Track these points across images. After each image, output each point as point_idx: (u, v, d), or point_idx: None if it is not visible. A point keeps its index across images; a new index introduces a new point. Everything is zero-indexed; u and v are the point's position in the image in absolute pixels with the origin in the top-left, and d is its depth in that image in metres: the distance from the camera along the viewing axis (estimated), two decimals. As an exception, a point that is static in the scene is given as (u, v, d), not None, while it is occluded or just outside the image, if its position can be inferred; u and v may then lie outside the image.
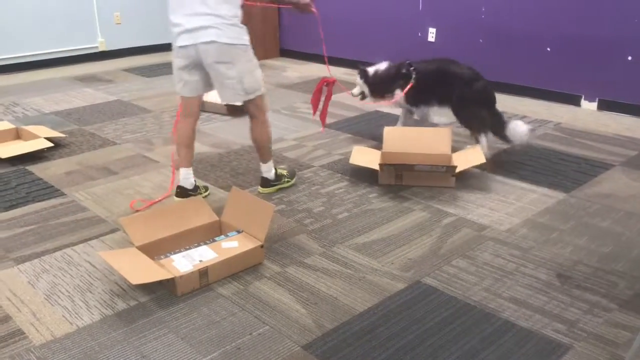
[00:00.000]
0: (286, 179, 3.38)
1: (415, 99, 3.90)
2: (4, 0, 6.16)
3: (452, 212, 3.06)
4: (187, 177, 3.17)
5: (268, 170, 3.30)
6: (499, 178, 3.49)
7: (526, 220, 2.98)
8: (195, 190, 3.19)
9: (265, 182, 3.32)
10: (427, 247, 2.73)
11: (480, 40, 5.37)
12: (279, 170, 3.38)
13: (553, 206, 3.14)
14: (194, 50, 2.90)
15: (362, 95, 4.02)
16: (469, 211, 3.08)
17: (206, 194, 3.26)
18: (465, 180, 3.44)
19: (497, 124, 3.74)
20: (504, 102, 5.06)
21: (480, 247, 2.73)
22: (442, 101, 3.83)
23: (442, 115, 4.04)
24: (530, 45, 5.09)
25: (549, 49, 4.99)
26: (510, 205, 3.15)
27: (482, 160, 3.37)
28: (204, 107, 4.90)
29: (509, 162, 3.73)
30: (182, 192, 3.16)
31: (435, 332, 2.14)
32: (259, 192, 3.31)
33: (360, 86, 4.00)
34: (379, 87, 3.93)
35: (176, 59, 3.01)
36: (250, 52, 2.98)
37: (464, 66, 3.79)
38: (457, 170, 3.30)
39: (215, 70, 2.94)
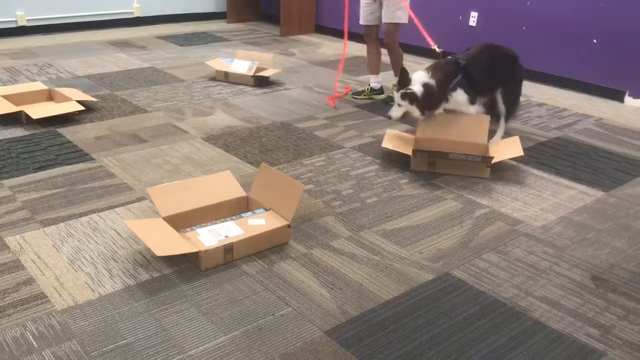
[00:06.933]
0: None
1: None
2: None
3: (485, 204, 2.97)
4: (378, 81, 4.58)
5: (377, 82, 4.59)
6: (536, 172, 3.38)
7: (562, 218, 2.88)
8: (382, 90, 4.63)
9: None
10: (458, 239, 2.65)
11: (524, 28, 5.19)
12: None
13: (590, 205, 3.02)
14: None
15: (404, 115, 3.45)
16: (502, 204, 2.98)
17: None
18: (501, 172, 3.33)
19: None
20: (544, 93, 4.92)
21: (513, 243, 2.64)
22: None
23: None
24: (575, 37, 4.91)
25: (595, 41, 4.80)
26: (546, 200, 3.05)
27: (520, 152, 3.26)
28: (228, 78, 4.85)
29: (547, 156, 3.60)
30: (381, 90, 4.61)
31: (462, 328, 2.08)
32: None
33: (404, 107, 3.38)
34: (431, 102, 3.38)
35: None
36: None
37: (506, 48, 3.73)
38: (494, 161, 3.20)
39: None
